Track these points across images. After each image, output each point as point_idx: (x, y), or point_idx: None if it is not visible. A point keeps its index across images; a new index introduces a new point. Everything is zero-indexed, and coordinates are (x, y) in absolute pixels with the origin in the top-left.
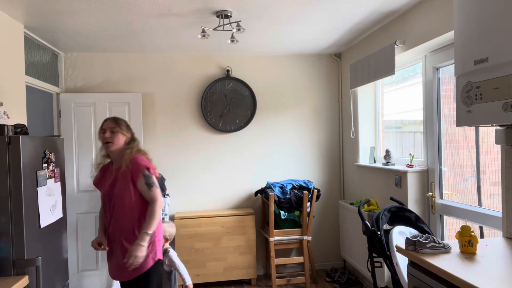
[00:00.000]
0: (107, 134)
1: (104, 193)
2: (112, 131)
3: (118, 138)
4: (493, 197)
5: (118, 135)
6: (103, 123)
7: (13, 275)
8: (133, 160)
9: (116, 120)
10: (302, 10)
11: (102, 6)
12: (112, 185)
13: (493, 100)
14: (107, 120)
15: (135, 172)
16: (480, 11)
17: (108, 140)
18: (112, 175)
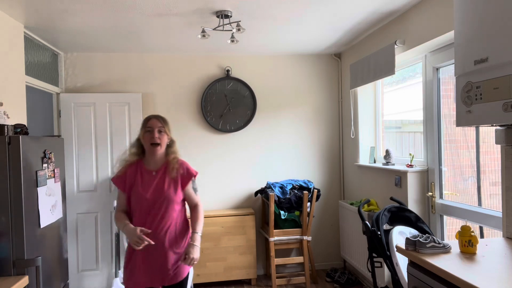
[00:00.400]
0: (156, 135)
1: (147, 196)
2: (159, 131)
3: (164, 139)
4: (493, 197)
5: (165, 136)
6: (148, 121)
7: (13, 275)
8: (184, 165)
9: (163, 119)
10: (302, 10)
11: (102, 6)
12: (159, 188)
13: (493, 100)
14: (151, 118)
15: (187, 178)
16: (480, 11)
17: (157, 141)
18: (152, 177)
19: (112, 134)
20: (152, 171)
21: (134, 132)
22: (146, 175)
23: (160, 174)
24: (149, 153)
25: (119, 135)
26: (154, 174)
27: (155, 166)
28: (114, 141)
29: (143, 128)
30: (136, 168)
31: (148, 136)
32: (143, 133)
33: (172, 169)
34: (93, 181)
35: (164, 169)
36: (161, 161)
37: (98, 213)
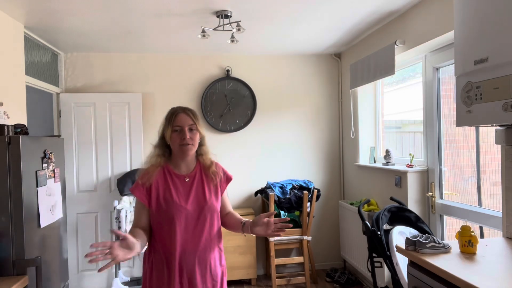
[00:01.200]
0: (188, 135)
1: (188, 207)
2: (190, 129)
3: (197, 138)
4: (493, 197)
5: (197, 134)
6: (175, 116)
7: (13, 275)
8: (220, 167)
9: (193, 113)
10: (302, 10)
11: (102, 6)
12: (200, 197)
13: (493, 100)
14: (179, 112)
15: (225, 183)
16: (480, 11)
17: (189, 142)
18: (186, 184)
19: (112, 134)
20: (184, 176)
21: (134, 132)
22: (178, 182)
23: (196, 179)
24: (178, 155)
25: (119, 135)
26: (188, 181)
27: (187, 170)
28: (114, 141)
29: (169, 126)
30: (164, 173)
31: (177, 136)
32: (170, 132)
33: (212, 173)
34: (93, 181)
35: (199, 173)
36: (192, 163)
37: (98, 213)
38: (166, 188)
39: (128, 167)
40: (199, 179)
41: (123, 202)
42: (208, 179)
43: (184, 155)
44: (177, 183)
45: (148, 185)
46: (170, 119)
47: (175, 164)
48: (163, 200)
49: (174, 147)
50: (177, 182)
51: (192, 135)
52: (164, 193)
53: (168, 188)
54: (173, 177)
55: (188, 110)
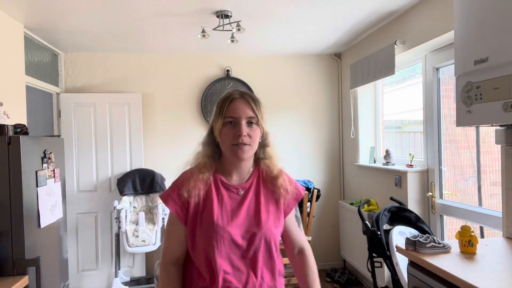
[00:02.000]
0: (245, 131)
1: (232, 231)
2: (250, 122)
3: (257, 136)
4: (493, 197)
5: (258, 130)
6: (230, 102)
7: (13, 275)
8: (292, 180)
9: (255, 101)
10: (302, 10)
11: (102, 6)
12: (253, 218)
13: (493, 100)
14: (236, 98)
15: (294, 201)
16: (480, 11)
17: (246, 142)
18: (237, 198)
19: (112, 134)
20: (236, 188)
21: (134, 132)
22: (226, 195)
23: (251, 193)
24: (229, 159)
25: (119, 135)
26: (241, 194)
27: (240, 179)
28: (114, 141)
29: (220, 116)
30: (209, 181)
31: (229, 132)
32: (221, 125)
33: (280, 186)
34: (93, 181)
35: (255, 184)
36: (248, 169)
37: (98, 213)
38: (208, 201)
39: (128, 167)
40: (255, 193)
41: (123, 202)
42: (268, 194)
43: (237, 159)
44: (225, 196)
45: (187, 195)
46: (222, 106)
47: (225, 169)
48: (202, 218)
49: (225, 147)
50: (224, 194)
51: (251, 132)
52: (204, 207)
53: (210, 201)
54: (220, 187)
55: (248, 96)
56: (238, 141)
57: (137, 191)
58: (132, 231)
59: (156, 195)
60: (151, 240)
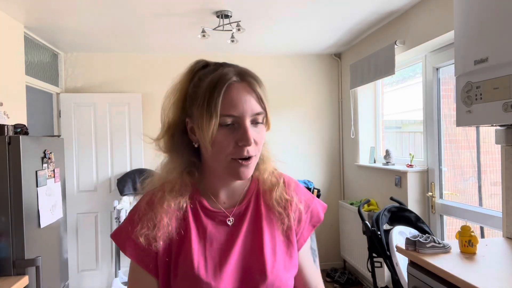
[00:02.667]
0: (251, 136)
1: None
2: (255, 122)
3: (262, 141)
4: (493, 197)
5: (263, 133)
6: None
7: (13, 275)
8: (300, 188)
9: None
10: (302, 10)
11: (102, 6)
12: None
13: (493, 100)
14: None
15: (309, 226)
16: (480, 11)
17: (252, 153)
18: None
19: (112, 134)
20: (223, 215)
21: (134, 132)
22: (210, 226)
23: (248, 220)
24: (222, 176)
25: (119, 135)
26: (231, 223)
27: (230, 201)
28: (114, 141)
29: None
30: (185, 209)
31: (227, 138)
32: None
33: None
34: (93, 181)
35: (254, 206)
36: (242, 186)
37: (98, 213)
38: (185, 240)
39: (128, 167)
40: (253, 219)
41: (123, 202)
42: (273, 219)
43: (237, 179)
44: (208, 229)
45: (152, 234)
46: (213, 95)
47: (208, 188)
48: (176, 268)
49: (217, 160)
50: (208, 227)
51: (257, 136)
52: (180, 251)
53: (187, 240)
54: (201, 216)
55: (251, 78)
56: (243, 155)
57: (137, 191)
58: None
59: None
60: None
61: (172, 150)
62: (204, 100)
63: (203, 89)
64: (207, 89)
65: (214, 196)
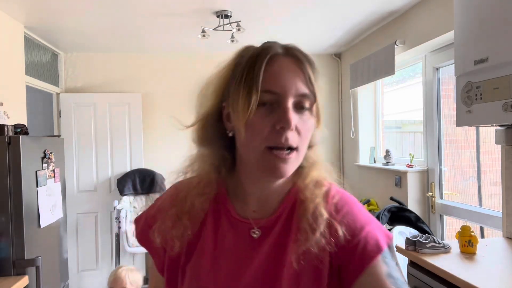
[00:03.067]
0: (293, 121)
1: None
2: (301, 106)
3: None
4: (493, 197)
5: (311, 124)
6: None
7: (13, 275)
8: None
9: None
10: (302, 10)
11: (102, 6)
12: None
13: (493, 100)
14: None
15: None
16: (480, 11)
17: (293, 144)
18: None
19: (112, 134)
20: (249, 225)
21: (134, 132)
22: (231, 235)
23: (275, 236)
24: (254, 173)
25: (119, 135)
26: (257, 236)
27: (261, 209)
28: (114, 141)
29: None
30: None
31: (263, 120)
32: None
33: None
34: (93, 181)
35: (284, 221)
36: (280, 190)
37: (98, 213)
38: (198, 247)
39: (128, 167)
40: (280, 237)
41: (123, 202)
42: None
43: (273, 176)
44: (229, 239)
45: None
46: (252, 67)
47: (238, 191)
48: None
49: (251, 149)
50: (227, 234)
51: (301, 124)
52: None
53: (201, 247)
54: (222, 222)
55: (299, 53)
56: (280, 141)
57: (137, 191)
58: (132, 231)
59: (156, 195)
60: None
61: (204, 141)
62: (242, 75)
63: (243, 64)
64: (247, 62)
65: (243, 201)
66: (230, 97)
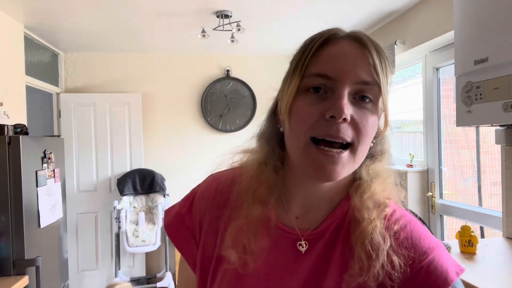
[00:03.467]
0: (347, 108)
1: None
2: (361, 96)
3: (371, 131)
4: (493, 197)
5: (372, 119)
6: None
7: (13, 275)
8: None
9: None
10: (302, 10)
11: (102, 6)
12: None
13: (493, 100)
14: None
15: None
16: (480, 11)
17: (346, 138)
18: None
19: (112, 134)
20: (297, 236)
21: (134, 132)
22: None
23: (322, 251)
24: (297, 172)
25: (119, 135)
26: (304, 250)
27: (307, 218)
28: (114, 141)
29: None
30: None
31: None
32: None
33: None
34: (93, 181)
35: (334, 235)
36: (329, 200)
37: (98, 213)
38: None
39: (128, 167)
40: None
41: (123, 202)
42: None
43: (318, 176)
44: (271, 248)
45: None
46: (306, 50)
47: (283, 196)
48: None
49: (294, 142)
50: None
51: (360, 116)
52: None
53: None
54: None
55: (366, 38)
56: (330, 131)
57: (137, 191)
58: (132, 231)
59: (156, 195)
60: (151, 240)
61: (260, 135)
62: (294, 59)
63: (303, 45)
64: (302, 46)
65: (285, 206)
66: (284, 90)
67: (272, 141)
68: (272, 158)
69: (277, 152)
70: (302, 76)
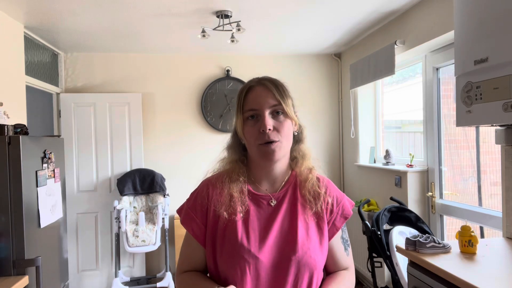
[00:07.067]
0: (269, 124)
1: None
2: (275, 112)
3: (287, 131)
4: (493, 197)
5: (287, 122)
6: (248, 92)
7: (13, 275)
8: (331, 189)
9: (277, 86)
10: (302, 10)
11: (102, 6)
12: (287, 237)
13: (493, 100)
14: (254, 86)
15: (340, 217)
16: (480, 11)
17: (273, 138)
18: (268, 212)
19: (112, 134)
20: (267, 198)
21: (134, 132)
22: (253, 208)
23: (286, 204)
24: (258, 161)
25: (119, 135)
26: (274, 204)
27: (271, 187)
28: (114, 141)
29: (239, 112)
30: (234, 191)
31: (252, 128)
32: (242, 121)
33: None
34: (93, 181)
35: (291, 193)
36: (282, 174)
37: (98, 213)
38: (232, 217)
39: (128, 167)
40: (290, 204)
41: (123, 202)
42: (307, 208)
43: (267, 160)
44: (252, 209)
45: (203, 210)
46: (240, 99)
47: (253, 176)
48: (223, 238)
49: (251, 147)
50: (251, 207)
51: (278, 124)
52: (226, 227)
53: (233, 217)
54: (246, 198)
55: (268, 81)
56: (265, 139)
57: (137, 191)
58: (132, 231)
59: (156, 195)
60: (151, 240)
61: (230, 148)
62: (236, 103)
63: (237, 96)
64: (237, 94)
65: (257, 182)
66: (235, 119)
67: (238, 148)
68: (239, 156)
69: (242, 153)
70: (242, 112)
